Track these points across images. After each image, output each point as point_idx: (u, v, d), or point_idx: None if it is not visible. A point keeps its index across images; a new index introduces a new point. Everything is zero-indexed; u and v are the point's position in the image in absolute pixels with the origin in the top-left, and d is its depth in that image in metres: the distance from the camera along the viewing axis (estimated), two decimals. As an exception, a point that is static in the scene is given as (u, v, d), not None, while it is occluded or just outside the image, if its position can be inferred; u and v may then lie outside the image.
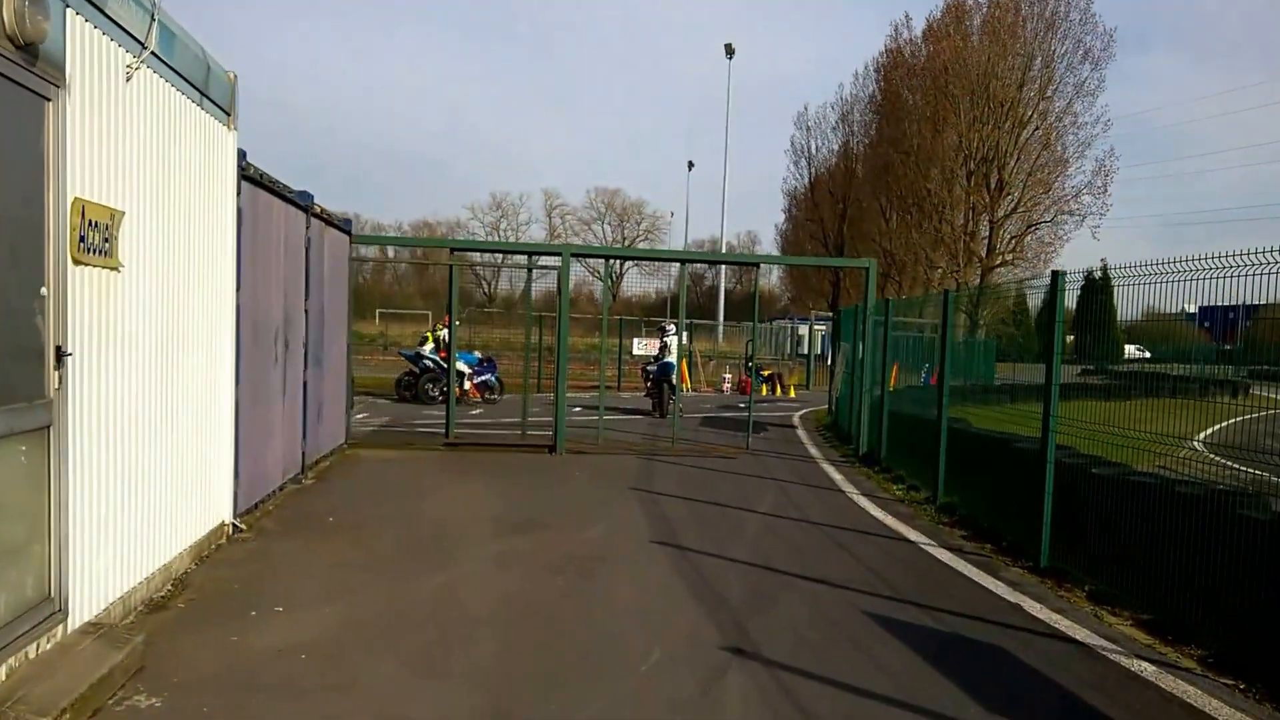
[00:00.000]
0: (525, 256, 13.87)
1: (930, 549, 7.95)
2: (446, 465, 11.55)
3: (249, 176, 7.65)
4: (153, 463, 5.70)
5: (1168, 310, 6.37)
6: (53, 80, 4.36)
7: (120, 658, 4.37)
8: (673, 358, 18.23)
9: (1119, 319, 7.19)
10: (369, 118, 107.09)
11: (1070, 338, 7.85)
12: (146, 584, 5.59)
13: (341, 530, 7.78)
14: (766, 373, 27.22)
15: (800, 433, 17.22)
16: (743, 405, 23.02)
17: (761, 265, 15.96)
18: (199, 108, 6.50)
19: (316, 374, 10.42)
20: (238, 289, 7.38)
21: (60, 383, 4.44)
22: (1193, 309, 6.57)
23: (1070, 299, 7.46)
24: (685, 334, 19.13)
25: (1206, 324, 7.83)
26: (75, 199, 4.55)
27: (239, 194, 7.39)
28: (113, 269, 5.03)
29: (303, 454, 9.79)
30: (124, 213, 5.11)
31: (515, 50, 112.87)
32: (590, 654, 5.14)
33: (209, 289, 6.83)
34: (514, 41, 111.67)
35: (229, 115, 7.19)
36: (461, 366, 18.91)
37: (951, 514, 9.36)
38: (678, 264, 14.97)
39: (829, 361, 21.67)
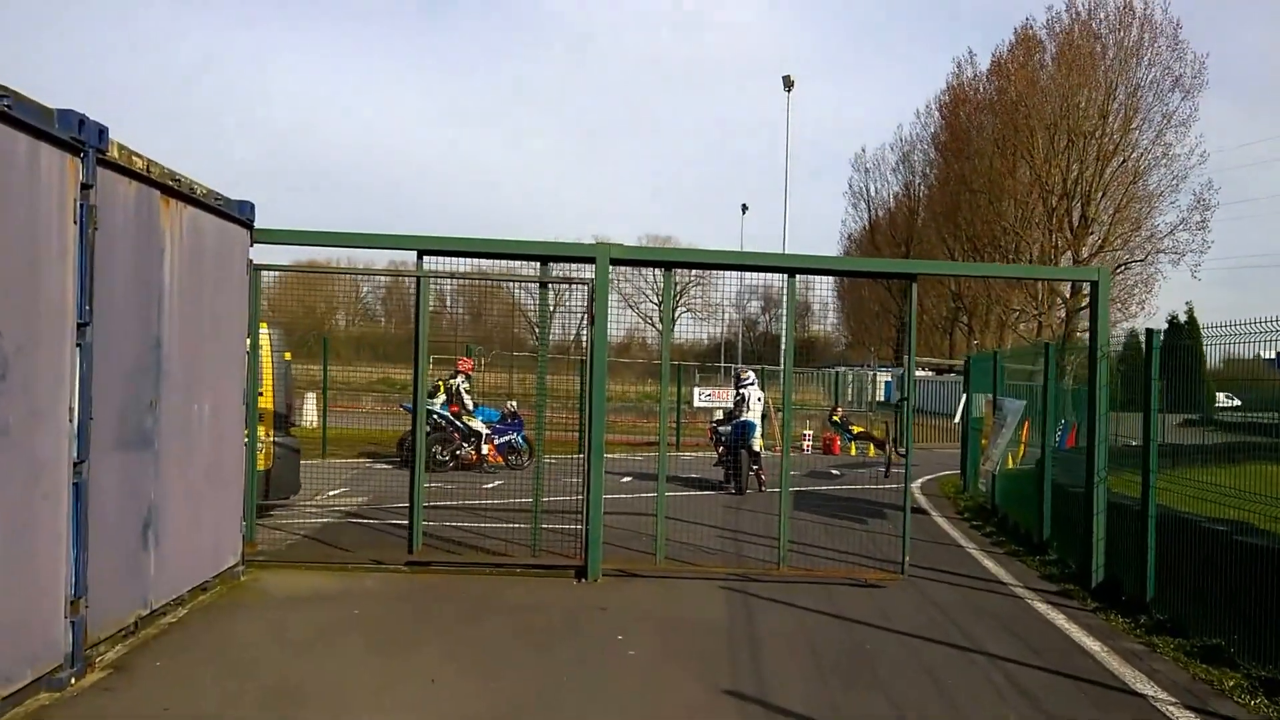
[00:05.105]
0: (537, 265, 8.84)
1: None
2: (390, 620, 6.53)
3: None
4: None
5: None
6: None
7: None
8: (753, 415, 13.15)
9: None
10: (415, 161, 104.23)
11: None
12: None
13: None
14: (856, 429, 21.83)
15: (941, 522, 11.95)
16: (835, 471, 17.82)
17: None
18: None
19: (135, 462, 5.58)
20: None
21: None
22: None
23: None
24: (759, 383, 14.05)
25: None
26: None
27: None
28: None
29: (73, 626, 4.89)
30: None
31: (564, 92, 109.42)
32: None
33: None
34: (563, 83, 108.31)
35: None
36: (479, 425, 14.97)
37: None
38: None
39: (955, 418, 16.38)
